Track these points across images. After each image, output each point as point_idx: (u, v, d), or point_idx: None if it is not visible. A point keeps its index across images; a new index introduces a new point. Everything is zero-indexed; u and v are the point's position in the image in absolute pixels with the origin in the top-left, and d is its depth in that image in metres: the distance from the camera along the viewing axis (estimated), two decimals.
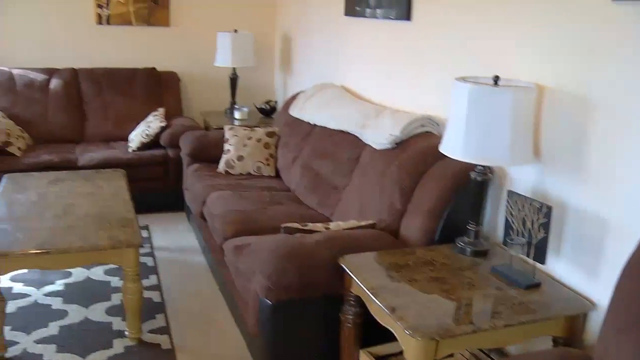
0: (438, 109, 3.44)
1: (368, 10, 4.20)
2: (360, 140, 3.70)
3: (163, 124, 5.30)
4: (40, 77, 5.54)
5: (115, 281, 4.00)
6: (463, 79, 2.56)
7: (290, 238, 2.83)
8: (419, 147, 3.17)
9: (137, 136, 5.32)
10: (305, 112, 4.48)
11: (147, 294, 3.76)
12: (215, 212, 3.76)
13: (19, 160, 4.90)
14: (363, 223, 3.06)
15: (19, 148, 5.01)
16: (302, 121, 4.50)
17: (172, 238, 4.82)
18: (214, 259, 3.88)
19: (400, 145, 3.33)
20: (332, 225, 3.06)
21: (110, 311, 3.64)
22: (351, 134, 3.83)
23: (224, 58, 5.73)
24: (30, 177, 4.23)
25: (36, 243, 3.09)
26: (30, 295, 3.80)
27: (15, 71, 5.49)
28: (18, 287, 3.88)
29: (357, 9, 4.37)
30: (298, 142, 4.41)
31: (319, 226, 3.02)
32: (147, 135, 5.25)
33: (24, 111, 5.42)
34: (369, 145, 3.57)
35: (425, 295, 2.34)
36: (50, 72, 5.61)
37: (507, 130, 2.42)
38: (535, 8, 2.64)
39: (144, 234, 4.82)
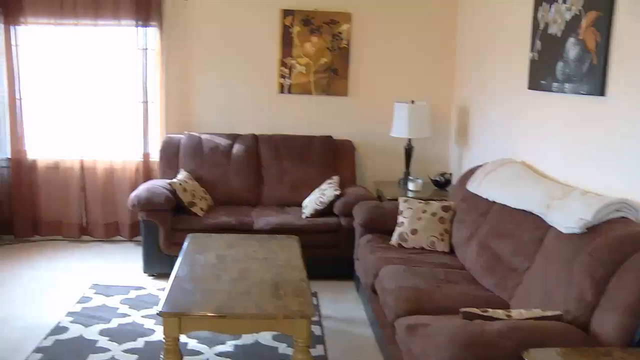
0: (636, 192, 3.16)
1: (555, 85, 4.01)
2: (544, 221, 3.48)
3: (337, 192, 5.35)
4: (224, 141, 5.86)
5: (283, 348, 4.01)
6: None
7: (469, 324, 2.68)
8: (615, 234, 2.90)
9: (310, 203, 5.41)
10: (484, 188, 4.32)
11: None
12: (388, 287, 3.68)
13: (201, 220, 5.15)
14: (548, 313, 2.83)
15: (201, 209, 5.27)
16: (480, 197, 4.34)
17: (340, 308, 4.78)
18: (384, 334, 3.77)
19: (592, 230, 3.07)
20: (514, 313, 2.86)
21: None
22: (534, 214, 3.61)
23: (400, 128, 5.73)
24: (210, 238, 4.42)
25: (214, 306, 3.19)
26: (203, 353, 3.91)
27: (203, 136, 5.86)
28: (192, 344, 4.01)
29: (543, 82, 4.19)
30: (475, 219, 4.25)
31: (500, 313, 2.84)
32: (321, 202, 5.32)
33: (208, 173, 5.73)
34: (554, 228, 3.34)
35: None
36: (234, 137, 5.92)
37: None
38: None
39: (313, 301, 4.81)
